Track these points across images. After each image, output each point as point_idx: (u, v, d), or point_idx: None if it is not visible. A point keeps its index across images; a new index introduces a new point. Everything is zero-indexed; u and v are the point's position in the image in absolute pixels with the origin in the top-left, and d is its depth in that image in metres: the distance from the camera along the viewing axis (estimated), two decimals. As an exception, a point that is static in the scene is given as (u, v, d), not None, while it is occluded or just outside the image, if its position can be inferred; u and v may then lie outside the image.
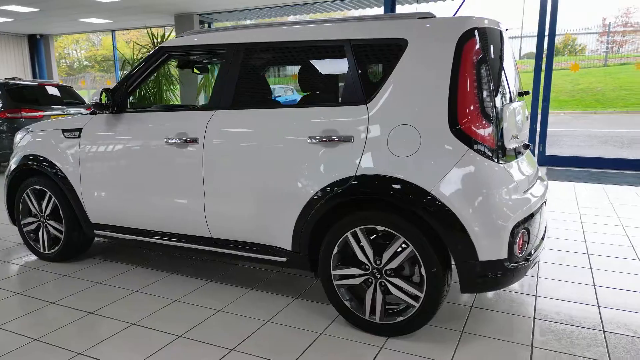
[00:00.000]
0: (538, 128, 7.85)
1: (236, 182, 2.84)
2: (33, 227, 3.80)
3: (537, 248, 2.62)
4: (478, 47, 2.39)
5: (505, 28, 2.80)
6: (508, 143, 2.49)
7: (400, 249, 2.44)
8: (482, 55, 2.40)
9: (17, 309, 2.94)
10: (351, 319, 2.64)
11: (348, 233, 2.54)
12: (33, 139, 3.73)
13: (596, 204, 5.32)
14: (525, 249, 2.45)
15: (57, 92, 8.66)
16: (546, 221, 3.02)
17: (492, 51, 2.49)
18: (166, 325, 2.71)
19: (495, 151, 2.38)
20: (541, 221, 2.70)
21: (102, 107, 3.21)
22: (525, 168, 2.69)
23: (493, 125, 2.38)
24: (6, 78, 8.38)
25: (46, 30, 14.05)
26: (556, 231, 4.33)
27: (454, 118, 2.33)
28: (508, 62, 2.71)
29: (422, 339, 2.53)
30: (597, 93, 19.01)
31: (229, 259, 3.74)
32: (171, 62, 10.25)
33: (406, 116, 2.42)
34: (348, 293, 2.65)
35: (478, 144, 2.33)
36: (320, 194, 2.57)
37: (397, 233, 2.41)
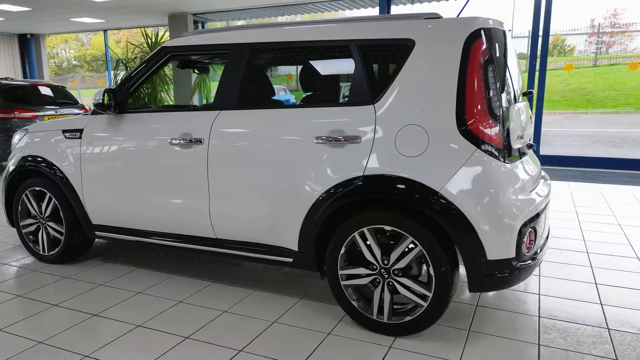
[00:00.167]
0: (532, 128, 7.89)
1: (241, 183, 2.83)
2: (32, 229, 3.76)
3: (542, 247, 2.65)
4: (485, 48, 2.40)
5: (508, 28, 2.82)
6: (514, 143, 2.51)
7: (408, 249, 2.45)
8: (489, 55, 2.41)
9: (19, 312, 2.91)
10: (358, 319, 2.64)
11: (355, 233, 2.54)
12: (32, 140, 3.69)
13: (592, 203, 5.38)
14: (532, 248, 2.47)
15: (50, 92, 8.57)
16: (550, 220, 3.05)
17: (498, 51, 2.51)
18: (172, 326, 2.70)
19: (502, 151, 2.39)
20: (546, 221, 2.72)
21: (105, 108, 3.19)
22: (529, 168, 2.71)
23: (500, 125, 2.39)
24: None
25: (37, 29, 13.91)
26: (555, 230, 4.37)
27: (462, 118, 2.35)
28: (512, 63, 2.72)
29: (430, 338, 2.54)
30: (588, 93, 19.20)
31: (232, 260, 3.73)
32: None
33: (414, 116, 2.43)
34: (355, 293, 2.65)
35: (485, 144, 2.34)
36: (327, 194, 2.56)
37: (406, 233, 2.42)
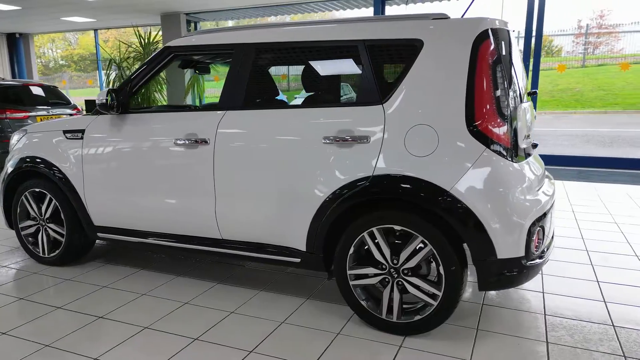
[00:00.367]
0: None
1: (248, 183, 2.82)
2: (32, 231, 3.71)
3: (549, 246, 2.67)
4: (493, 48, 2.42)
5: (512, 29, 2.85)
6: (521, 142, 2.53)
7: (418, 248, 2.46)
8: (497, 55, 2.43)
9: (23, 315, 2.87)
10: (367, 319, 2.64)
11: (365, 233, 2.55)
12: (31, 141, 3.64)
13: (588, 202, 5.44)
14: (540, 247, 2.49)
15: (42, 92, 8.47)
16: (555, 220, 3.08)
17: (504, 51, 2.53)
18: (180, 328, 2.68)
19: (510, 150, 2.41)
20: (552, 220, 2.75)
21: (108, 108, 3.15)
22: (535, 167, 2.73)
23: (508, 124, 2.41)
24: None
25: (26, 29, 13.72)
26: (554, 229, 4.40)
27: (471, 118, 2.36)
28: (517, 63, 2.75)
29: (439, 337, 2.55)
30: (576, 93, 19.43)
31: (233, 260, 3.71)
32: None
33: (423, 116, 2.44)
34: (364, 293, 2.66)
35: (495, 144, 2.36)
36: (336, 195, 2.56)
37: (416, 232, 2.43)
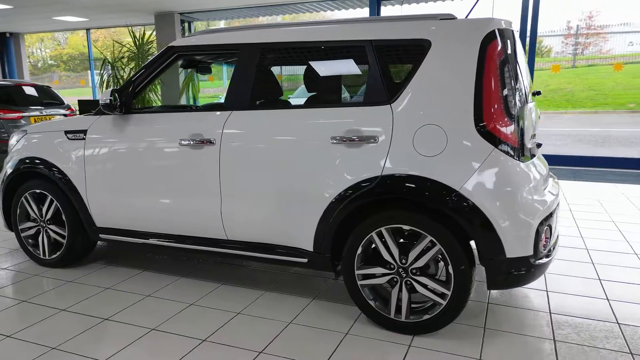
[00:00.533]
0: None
1: (255, 184, 2.81)
2: (32, 232, 3.67)
3: (554, 245, 2.70)
4: (500, 48, 2.44)
5: (516, 29, 2.87)
6: (528, 142, 2.55)
7: (426, 248, 2.47)
8: (504, 56, 2.45)
9: (27, 317, 2.84)
10: (375, 318, 2.65)
11: (373, 233, 2.55)
12: (31, 141, 3.60)
13: (584, 201, 5.49)
14: (547, 246, 2.51)
15: (35, 92, 8.40)
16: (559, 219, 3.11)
17: (511, 52, 2.55)
18: (188, 329, 2.67)
19: (517, 150, 2.43)
20: (557, 219, 2.77)
21: (112, 108, 3.13)
22: (540, 167, 2.75)
23: (515, 124, 2.43)
24: None
25: (17, 28, 13.57)
26: (553, 228, 4.45)
27: (480, 117, 2.38)
28: (522, 63, 2.77)
29: (447, 337, 2.56)
30: (567, 93, 19.60)
31: (235, 261, 3.70)
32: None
33: (432, 116, 2.45)
34: (372, 293, 2.66)
35: (503, 143, 2.38)
36: (344, 195, 2.57)
37: (425, 232, 2.44)
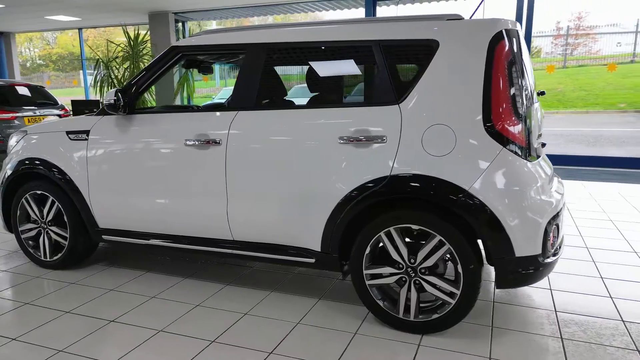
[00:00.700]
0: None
1: (262, 184, 2.80)
2: (32, 234, 3.63)
3: (561, 244, 2.72)
4: (508, 48, 2.45)
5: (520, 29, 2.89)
6: (534, 142, 2.57)
7: (435, 247, 2.48)
8: (512, 56, 2.47)
9: (32, 320, 2.81)
10: (384, 318, 2.65)
11: (382, 232, 2.56)
12: (32, 142, 3.56)
13: (580, 201, 5.54)
14: (554, 245, 2.53)
15: (28, 92, 8.33)
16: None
17: (517, 52, 2.56)
18: (195, 330, 2.65)
19: (525, 150, 2.45)
20: (563, 218, 2.80)
21: (116, 108, 3.10)
22: (546, 167, 2.78)
23: (523, 124, 2.45)
24: None
25: (8, 27, 13.41)
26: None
27: (488, 117, 2.39)
28: (528, 63, 2.79)
29: (455, 336, 2.57)
30: (558, 94, 19.78)
31: (241, 261, 3.69)
32: (148, 61, 10.03)
33: (440, 116, 2.46)
34: (380, 292, 2.67)
35: (511, 143, 2.39)
36: (353, 195, 2.57)
37: (434, 232, 2.45)
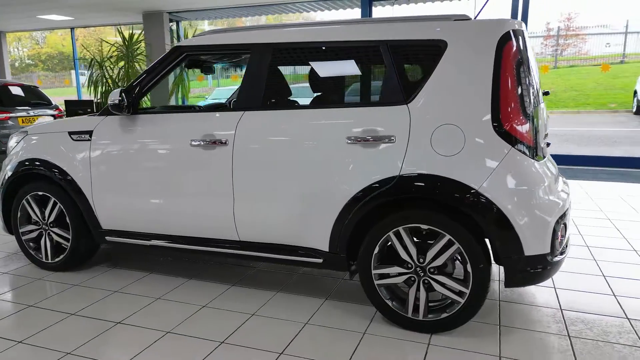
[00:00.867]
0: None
1: (269, 184, 2.79)
2: (33, 236, 3.59)
3: (567, 243, 2.74)
4: (516, 49, 2.47)
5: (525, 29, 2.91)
6: (541, 141, 2.59)
7: (444, 247, 2.49)
8: (520, 56, 2.48)
9: (37, 322, 2.77)
10: (392, 318, 2.66)
11: (390, 232, 2.56)
12: (32, 143, 3.52)
13: (578, 199, 5.59)
14: (562, 243, 2.55)
15: (22, 92, 8.25)
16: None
17: (524, 52, 2.58)
18: (203, 331, 2.64)
19: (533, 149, 2.47)
20: (570, 217, 2.82)
21: (121, 109, 3.08)
22: (552, 166, 2.80)
23: (531, 123, 2.46)
24: None
25: (0, 26, 13.28)
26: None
27: (497, 117, 2.40)
28: (533, 63, 2.81)
29: (464, 335, 2.58)
30: (550, 94, 19.96)
31: (246, 262, 3.68)
32: (142, 61, 9.96)
33: (449, 116, 2.47)
34: (388, 292, 2.67)
35: (519, 143, 2.41)
36: (362, 195, 2.57)
37: (443, 231, 2.45)
